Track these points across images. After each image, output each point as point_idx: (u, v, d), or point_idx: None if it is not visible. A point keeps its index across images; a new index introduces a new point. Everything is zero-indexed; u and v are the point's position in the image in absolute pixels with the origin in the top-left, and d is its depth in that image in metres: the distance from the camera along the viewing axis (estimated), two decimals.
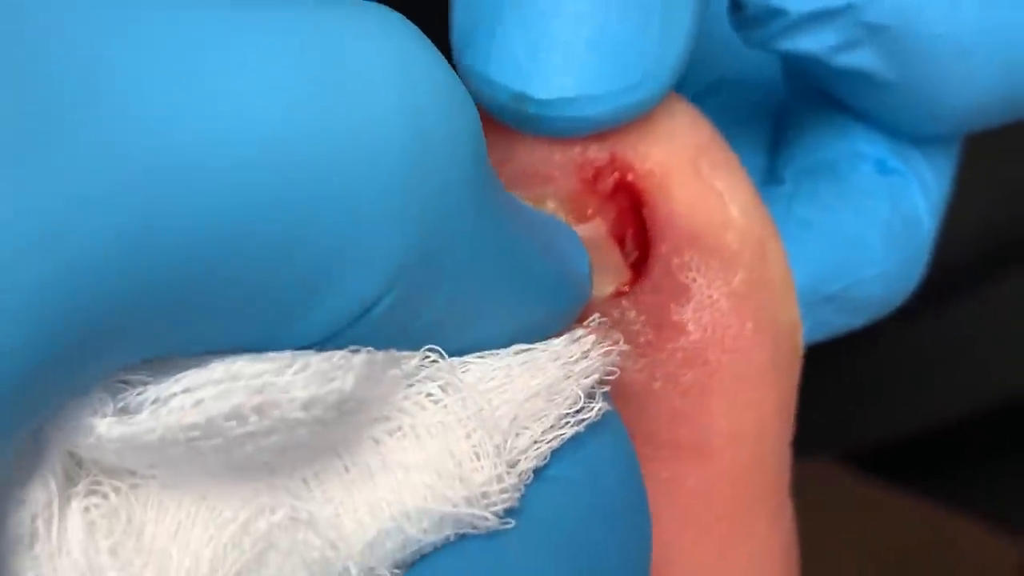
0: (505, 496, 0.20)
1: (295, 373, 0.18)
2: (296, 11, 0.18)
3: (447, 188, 0.19)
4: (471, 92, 0.26)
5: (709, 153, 0.27)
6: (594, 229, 0.27)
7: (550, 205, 0.27)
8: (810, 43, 0.29)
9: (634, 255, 0.27)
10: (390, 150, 0.18)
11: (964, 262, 0.47)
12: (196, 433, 0.17)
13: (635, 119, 0.26)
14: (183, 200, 0.17)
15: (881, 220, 0.31)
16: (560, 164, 0.26)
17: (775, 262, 0.28)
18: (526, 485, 0.21)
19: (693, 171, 0.27)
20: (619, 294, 0.27)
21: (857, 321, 0.32)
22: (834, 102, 0.32)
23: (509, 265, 0.21)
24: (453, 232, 0.19)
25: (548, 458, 0.21)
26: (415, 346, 0.20)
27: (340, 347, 0.19)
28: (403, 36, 0.19)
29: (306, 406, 0.18)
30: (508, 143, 0.27)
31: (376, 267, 0.19)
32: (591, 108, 0.25)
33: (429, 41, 0.20)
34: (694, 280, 0.26)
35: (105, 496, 0.18)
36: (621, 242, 0.27)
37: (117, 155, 0.16)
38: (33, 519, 0.18)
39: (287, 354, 0.18)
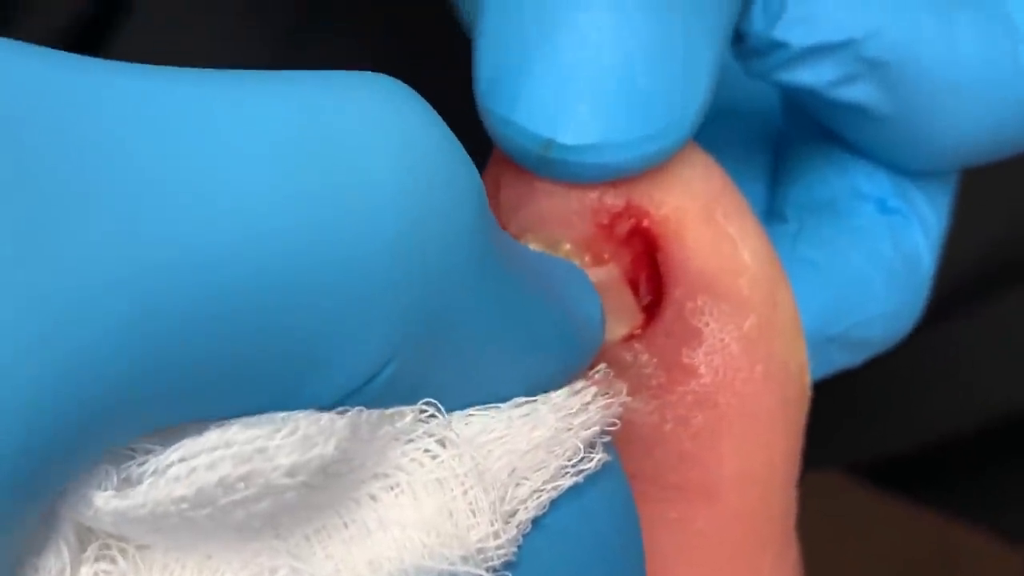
0: (502, 552, 0.20)
1: (284, 438, 0.18)
2: (290, 84, 0.18)
3: (447, 257, 0.19)
4: (494, 135, 0.26)
5: (722, 200, 0.27)
6: (607, 273, 0.27)
7: (565, 248, 0.27)
8: (810, 76, 0.29)
9: (647, 299, 0.27)
10: (387, 223, 0.18)
11: (966, 281, 0.48)
12: (185, 505, 0.18)
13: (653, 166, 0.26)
14: (181, 285, 0.17)
15: (884, 260, 0.31)
16: (577, 210, 0.27)
17: (785, 306, 0.28)
18: (524, 536, 0.21)
19: (707, 218, 0.27)
20: (632, 337, 0.27)
21: (857, 359, 0.32)
22: (832, 137, 0.32)
23: (516, 323, 0.21)
24: (454, 299, 0.19)
25: (547, 508, 0.21)
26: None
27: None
28: (400, 104, 0.19)
29: (290, 473, 0.18)
30: (525, 187, 0.27)
31: (375, 339, 0.19)
32: (616, 155, 0.26)
33: (428, 106, 0.19)
34: (706, 324, 0.27)
35: (113, 560, 0.18)
36: (635, 286, 0.27)
37: (115, 246, 0.16)
38: None
39: (280, 416, 0.19)
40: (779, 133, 0.35)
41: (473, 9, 0.30)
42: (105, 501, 0.18)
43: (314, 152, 0.18)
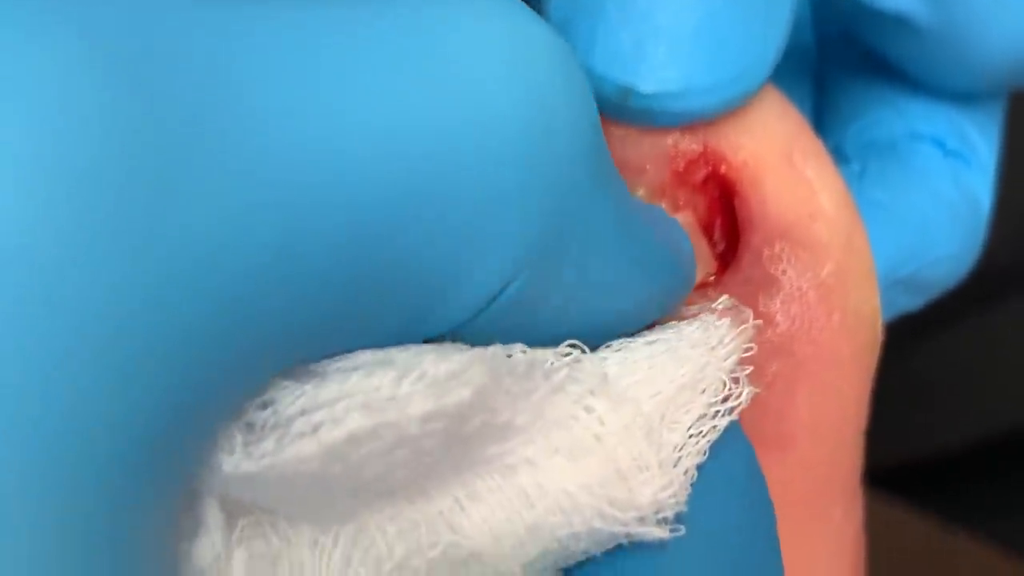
0: (674, 503, 0.20)
1: (411, 384, 0.17)
2: (402, 7, 0.18)
3: (569, 168, 0.19)
4: None
5: (800, 142, 0.27)
6: (683, 220, 0.26)
7: (641, 194, 0.26)
8: None
9: (721, 245, 0.27)
10: (511, 137, 0.18)
11: (967, 290, 0.47)
12: (316, 463, 0.17)
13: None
14: (321, 208, 0.16)
15: (948, 202, 0.31)
16: (652, 156, 0.26)
17: (860, 251, 0.27)
18: (692, 484, 0.20)
19: (786, 162, 0.26)
20: (706, 284, 0.27)
21: (919, 301, 0.32)
22: (879, 73, 0.32)
23: (628, 238, 0.21)
24: (575, 210, 0.19)
25: (707, 453, 0.21)
26: (544, 329, 0.19)
27: (471, 334, 0.18)
28: (515, 15, 0.19)
29: (425, 420, 0.17)
30: None
31: (505, 253, 0.18)
32: (696, 101, 0.25)
33: (540, 18, 0.19)
34: (784, 272, 0.26)
35: (265, 537, 0.18)
36: (709, 233, 0.27)
37: (253, 174, 0.16)
38: (202, 574, 0.17)
39: (402, 357, 0.18)
40: (817, 68, 0.34)
41: None
42: (234, 466, 0.17)
43: (437, 72, 0.18)
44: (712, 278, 0.27)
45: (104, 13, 0.15)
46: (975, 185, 0.31)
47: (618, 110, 0.25)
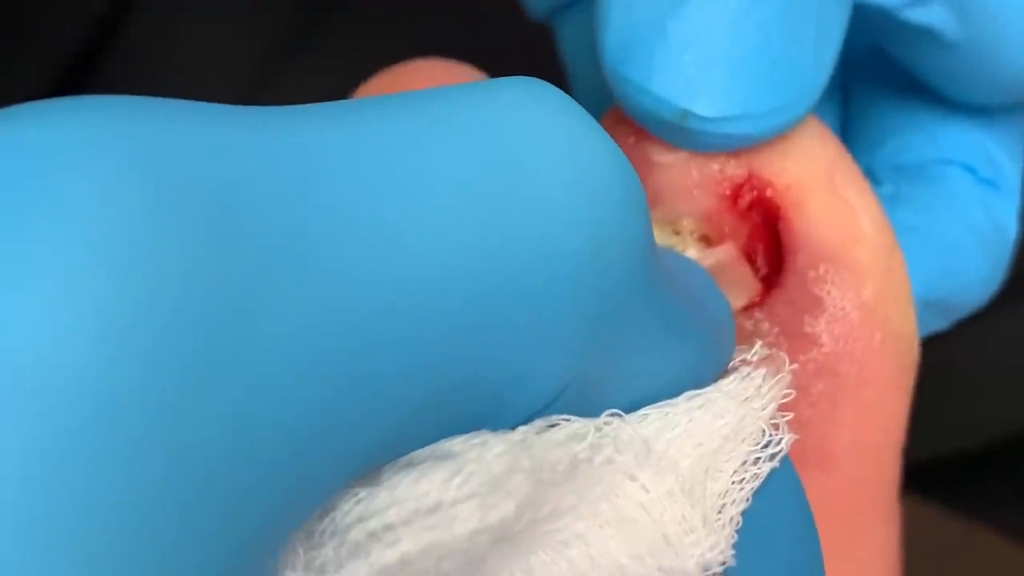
0: (721, 559, 0.20)
1: (457, 488, 0.17)
2: (456, 107, 0.18)
3: (623, 267, 0.19)
4: (625, 102, 0.26)
5: (839, 166, 0.27)
6: (725, 252, 0.27)
7: (686, 223, 0.27)
8: None
9: (764, 269, 0.27)
10: (572, 253, 0.18)
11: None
12: None
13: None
14: (392, 338, 0.16)
15: (978, 227, 0.32)
16: (699, 182, 0.27)
17: (898, 273, 0.28)
18: (737, 532, 0.20)
19: (827, 186, 0.27)
20: (752, 306, 0.27)
21: (946, 323, 0.32)
22: (908, 95, 0.32)
23: (669, 321, 0.21)
24: (626, 306, 0.19)
25: (751, 500, 0.21)
26: (594, 411, 0.20)
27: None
28: (566, 117, 0.19)
29: (470, 537, 0.17)
30: (641, 163, 0.27)
31: (560, 361, 0.18)
32: (752, 125, 0.25)
33: (587, 114, 0.19)
34: (828, 293, 0.27)
35: None
36: (751, 257, 0.27)
37: (328, 315, 0.16)
38: None
39: (447, 458, 0.18)
40: (843, 81, 0.35)
41: None
42: None
43: (501, 190, 0.17)
44: (757, 299, 0.27)
45: (170, 150, 0.15)
46: (1003, 212, 0.32)
47: (673, 131, 0.26)
